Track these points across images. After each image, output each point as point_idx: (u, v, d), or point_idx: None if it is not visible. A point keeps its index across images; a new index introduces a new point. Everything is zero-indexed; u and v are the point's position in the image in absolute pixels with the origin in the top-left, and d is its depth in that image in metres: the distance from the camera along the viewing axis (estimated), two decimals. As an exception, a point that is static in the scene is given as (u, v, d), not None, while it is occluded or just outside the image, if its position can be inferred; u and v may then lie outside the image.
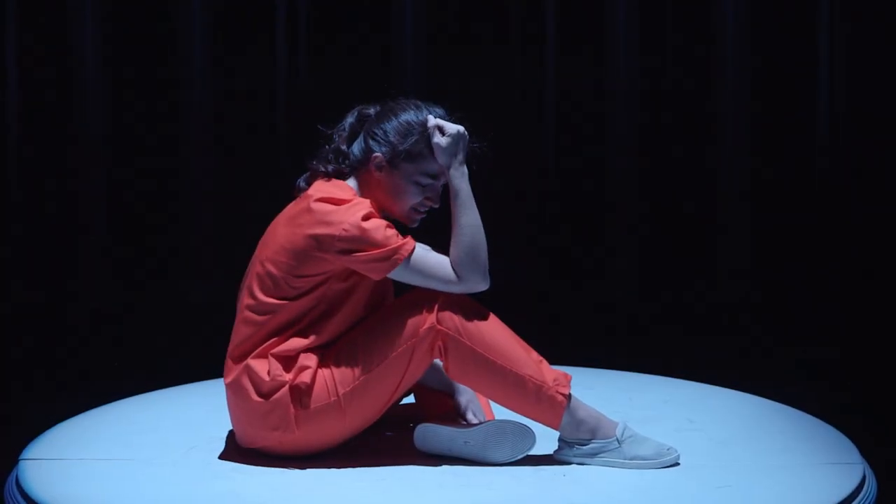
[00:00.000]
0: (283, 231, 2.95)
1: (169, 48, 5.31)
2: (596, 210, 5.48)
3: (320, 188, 2.96)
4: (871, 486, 2.88)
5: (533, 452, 2.97)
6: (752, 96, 5.38)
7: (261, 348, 2.93)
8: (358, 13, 5.37)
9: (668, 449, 2.93)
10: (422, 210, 3.00)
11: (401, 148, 2.96)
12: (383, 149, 2.97)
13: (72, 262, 5.27)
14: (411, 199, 2.98)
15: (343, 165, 3.01)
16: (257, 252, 3.01)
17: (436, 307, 2.90)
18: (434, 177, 2.98)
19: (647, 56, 5.42)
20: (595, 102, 5.46)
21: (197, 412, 3.43)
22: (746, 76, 5.37)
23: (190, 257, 5.37)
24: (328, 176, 3.01)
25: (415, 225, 3.01)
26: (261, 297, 2.94)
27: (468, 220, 2.95)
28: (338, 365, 2.91)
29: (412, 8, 5.32)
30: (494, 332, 2.92)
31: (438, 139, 2.97)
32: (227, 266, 5.26)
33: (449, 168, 2.97)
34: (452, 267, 2.92)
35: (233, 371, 2.96)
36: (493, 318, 2.95)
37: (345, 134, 3.05)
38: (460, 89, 5.09)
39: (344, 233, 2.85)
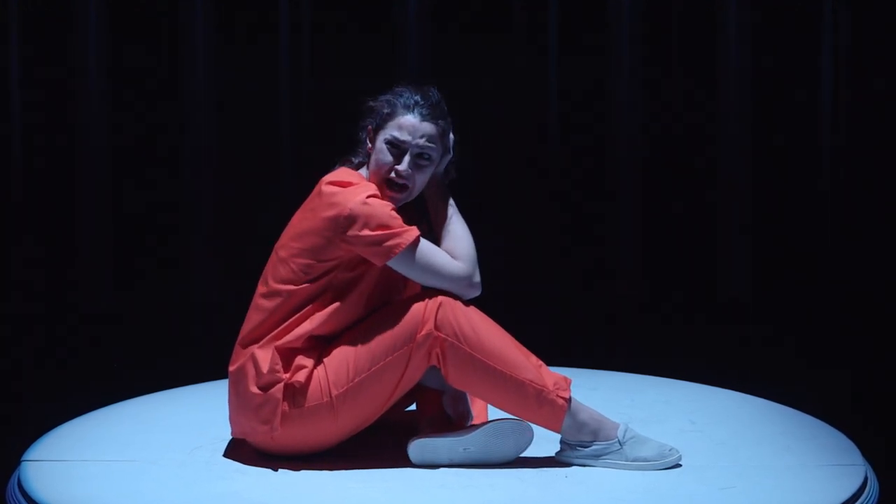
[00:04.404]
0: (297, 218, 3.01)
1: (171, 49, 5.31)
2: (597, 210, 5.48)
3: (331, 174, 3.00)
4: (872, 487, 2.88)
5: (535, 454, 2.98)
6: (754, 95, 5.38)
7: (268, 337, 2.95)
8: (359, 13, 5.37)
9: (669, 450, 2.93)
10: (397, 181, 2.98)
11: (382, 113, 3.00)
12: (370, 118, 3.03)
13: (73, 262, 5.27)
14: (385, 160, 2.96)
15: (362, 154, 3.07)
16: (276, 242, 3.04)
17: (434, 313, 2.91)
18: (402, 150, 2.96)
19: (649, 56, 5.42)
20: (596, 102, 5.46)
21: (200, 413, 3.43)
22: (748, 75, 5.37)
23: (193, 257, 5.37)
24: (353, 167, 3.06)
25: (395, 203, 2.99)
26: (273, 283, 2.97)
27: (464, 224, 3.03)
28: (334, 366, 2.92)
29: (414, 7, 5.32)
30: (493, 337, 2.92)
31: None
32: (230, 266, 5.27)
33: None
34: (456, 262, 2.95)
35: (238, 359, 2.99)
36: (491, 323, 2.96)
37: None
38: (463, 88, 5.09)
39: (349, 212, 2.87)
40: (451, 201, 3.08)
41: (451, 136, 3.05)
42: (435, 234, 3.04)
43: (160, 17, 5.30)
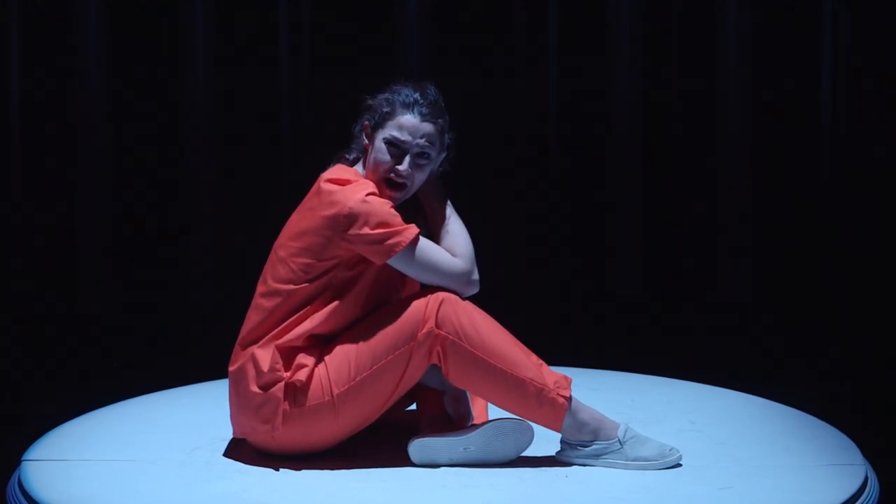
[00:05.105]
0: (295, 217, 3.01)
1: (171, 49, 5.31)
2: (598, 209, 5.48)
3: (329, 172, 3.01)
4: (873, 487, 2.88)
5: (536, 453, 2.98)
6: (754, 95, 5.37)
7: (268, 336, 2.95)
8: (359, 13, 5.37)
9: (670, 450, 2.93)
10: (396, 181, 2.98)
11: (380, 111, 3.00)
12: (368, 116, 3.03)
13: (73, 262, 5.27)
14: (384, 159, 2.97)
15: (357, 150, 3.07)
16: (275, 242, 3.04)
17: (435, 311, 2.91)
18: (402, 150, 2.97)
19: (649, 56, 5.42)
20: (596, 101, 5.46)
21: (200, 413, 3.44)
22: (748, 75, 5.37)
23: (193, 257, 5.36)
24: (349, 163, 3.06)
25: (394, 202, 3.00)
26: (272, 283, 2.98)
27: (461, 222, 3.03)
28: (334, 365, 2.92)
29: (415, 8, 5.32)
30: (494, 335, 2.93)
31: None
32: (230, 266, 5.26)
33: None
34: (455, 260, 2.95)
35: (238, 359, 2.99)
36: (492, 321, 2.96)
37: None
38: (462, 88, 5.09)
39: (349, 211, 2.87)
40: (448, 201, 3.08)
41: (448, 133, 3.05)
42: (431, 230, 3.04)
43: (160, 17, 5.29)
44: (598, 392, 3.52)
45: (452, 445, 2.94)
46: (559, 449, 2.97)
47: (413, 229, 2.92)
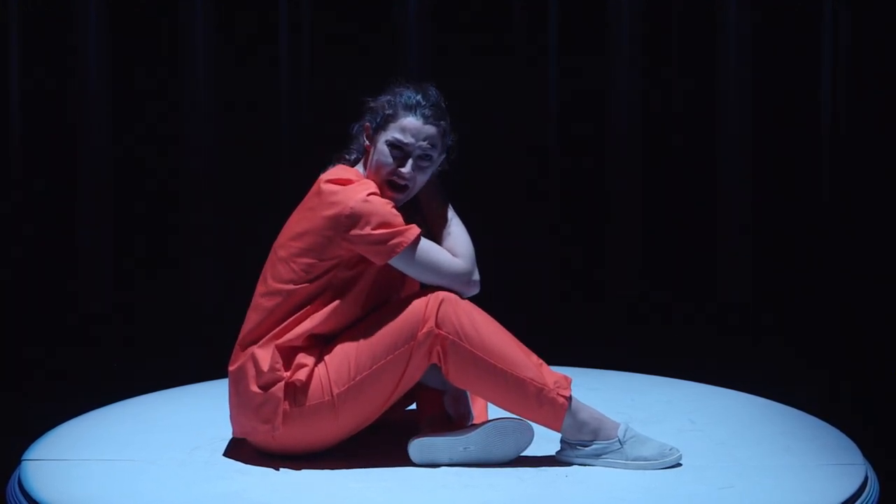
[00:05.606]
0: (296, 217, 3.01)
1: (171, 49, 5.31)
2: (598, 210, 5.47)
3: (329, 172, 3.01)
4: (873, 487, 2.89)
5: (535, 453, 2.98)
6: (754, 95, 5.37)
7: (268, 336, 2.95)
8: (359, 13, 5.37)
9: (670, 449, 2.94)
10: (398, 182, 2.99)
11: (382, 113, 3.00)
12: (369, 117, 3.03)
13: (73, 261, 5.27)
14: (386, 162, 2.97)
15: (356, 150, 3.07)
16: (275, 242, 3.04)
17: (436, 310, 2.91)
18: (405, 152, 2.97)
19: (649, 56, 5.42)
20: (596, 102, 5.46)
21: (200, 413, 3.44)
22: (748, 75, 5.37)
23: (193, 257, 5.36)
24: (349, 164, 3.06)
25: (396, 203, 3.00)
26: (272, 283, 2.98)
27: (461, 224, 3.04)
28: (334, 364, 2.92)
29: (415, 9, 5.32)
30: (494, 335, 2.93)
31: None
32: (230, 266, 5.26)
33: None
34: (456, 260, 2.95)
35: (238, 359, 2.99)
36: (492, 321, 2.96)
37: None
38: (462, 88, 5.08)
39: (350, 211, 2.87)
40: (448, 202, 3.08)
41: (449, 135, 3.05)
42: (431, 231, 3.04)
43: (160, 17, 5.29)
44: (598, 392, 3.52)
45: (452, 445, 2.94)
46: (559, 449, 2.97)
47: (414, 229, 2.92)
